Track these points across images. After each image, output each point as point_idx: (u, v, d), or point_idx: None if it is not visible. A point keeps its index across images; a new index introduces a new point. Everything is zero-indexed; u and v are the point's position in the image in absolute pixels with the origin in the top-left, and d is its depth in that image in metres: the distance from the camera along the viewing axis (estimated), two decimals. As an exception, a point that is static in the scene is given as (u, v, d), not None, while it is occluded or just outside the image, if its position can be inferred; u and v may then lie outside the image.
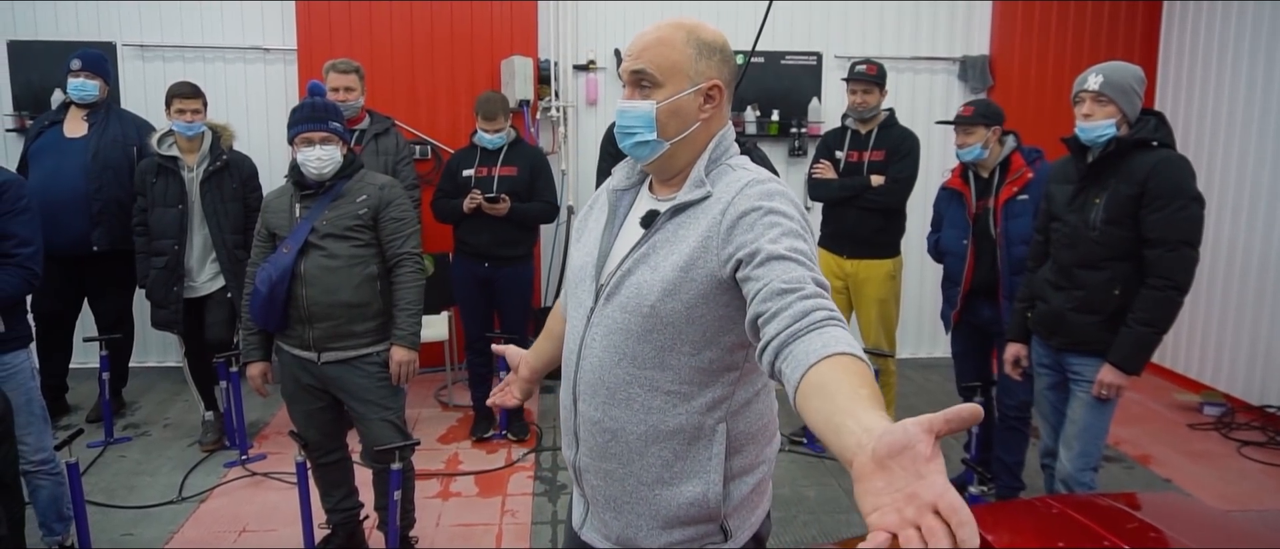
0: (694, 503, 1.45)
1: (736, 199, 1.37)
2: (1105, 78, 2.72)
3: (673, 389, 1.43)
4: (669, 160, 1.48)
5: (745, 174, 1.43)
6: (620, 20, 5.53)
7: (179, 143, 4.03)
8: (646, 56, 1.44)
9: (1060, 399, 3.01)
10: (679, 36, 1.44)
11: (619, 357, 1.44)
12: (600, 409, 1.48)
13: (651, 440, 1.44)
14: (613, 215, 1.56)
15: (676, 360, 1.42)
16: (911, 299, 5.42)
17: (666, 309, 1.39)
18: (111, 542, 3.36)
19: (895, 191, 4.02)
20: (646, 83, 1.44)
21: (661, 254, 1.41)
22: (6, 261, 2.87)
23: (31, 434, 2.97)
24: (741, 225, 1.34)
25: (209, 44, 5.29)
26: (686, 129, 1.45)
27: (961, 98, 5.59)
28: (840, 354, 1.09)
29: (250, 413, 4.50)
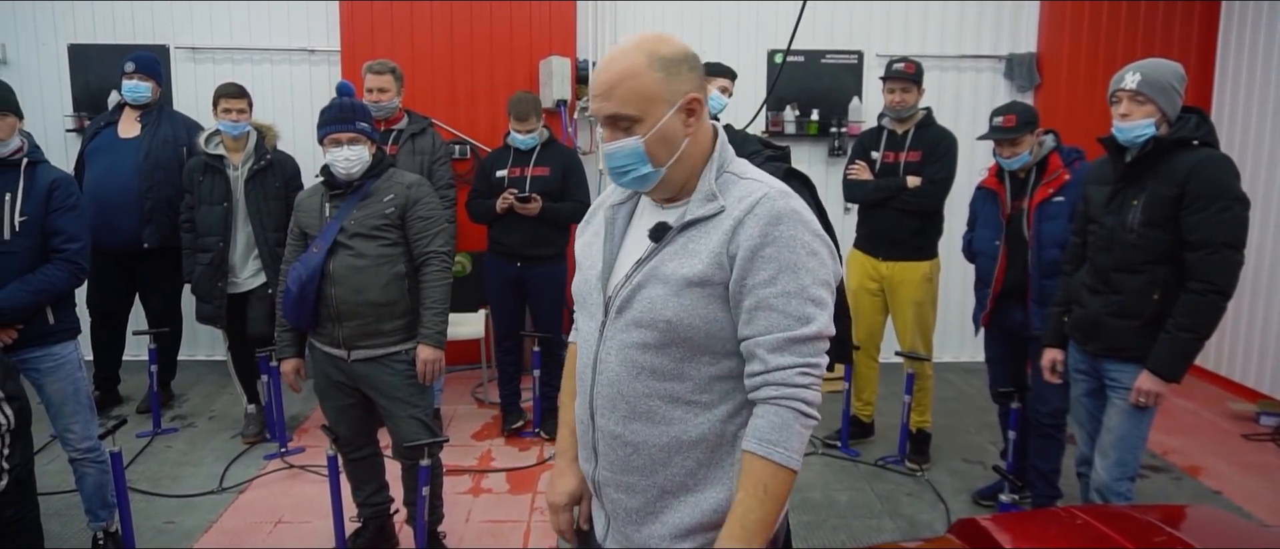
0: (717, 510, 1.44)
1: (747, 219, 1.37)
2: (1144, 76, 2.63)
3: (694, 399, 1.43)
4: (668, 181, 1.46)
5: (755, 187, 1.42)
6: (659, 19, 5.52)
7: (225, 142, 4.14)
8: (618, 96, 1.39)
9: (1097, 406, 2.92)
10: (642, 62, 1.39)
11: (637, 370, 1.43)
12: (620, 423, 1.46)
13: (675, 451, 1.44)
14: (610, 229, 1.55)
15: (696, 371, 1.42)
16: (953, 302, 5.33)
17: (682, 322, 1.39)
18: (154, 529, 3.47)
19: (932, 193, 3.95)
20: (624, 122, 1.40)
21: (672, 267, 1.40)
22: (56, 256, 2.99)
23: (78, 423, 3.09)
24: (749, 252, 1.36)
25: (257, 46, 5.43)
26: (677, 149, 1.43)
27: (1007, 97, 5.47)
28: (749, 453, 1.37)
29: (290, 407, 4.61)
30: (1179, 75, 2.65)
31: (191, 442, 4.38)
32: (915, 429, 4.21)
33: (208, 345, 5.54)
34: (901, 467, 4.14)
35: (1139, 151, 2.66)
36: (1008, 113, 3.38)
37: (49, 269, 2.96)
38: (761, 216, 1.36)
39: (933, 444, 4.26)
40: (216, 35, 5.41)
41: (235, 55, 5.44)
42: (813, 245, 1.38)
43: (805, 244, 1.37)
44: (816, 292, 1.36)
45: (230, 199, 4.11)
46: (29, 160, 2.97)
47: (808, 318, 1.35)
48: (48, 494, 3.67)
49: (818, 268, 1.37)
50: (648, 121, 1.40)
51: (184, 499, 3.74)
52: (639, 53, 1.40)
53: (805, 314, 1.35)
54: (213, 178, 4.10)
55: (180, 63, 5.42)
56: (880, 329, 4.29)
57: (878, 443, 4.43)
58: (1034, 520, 2.23)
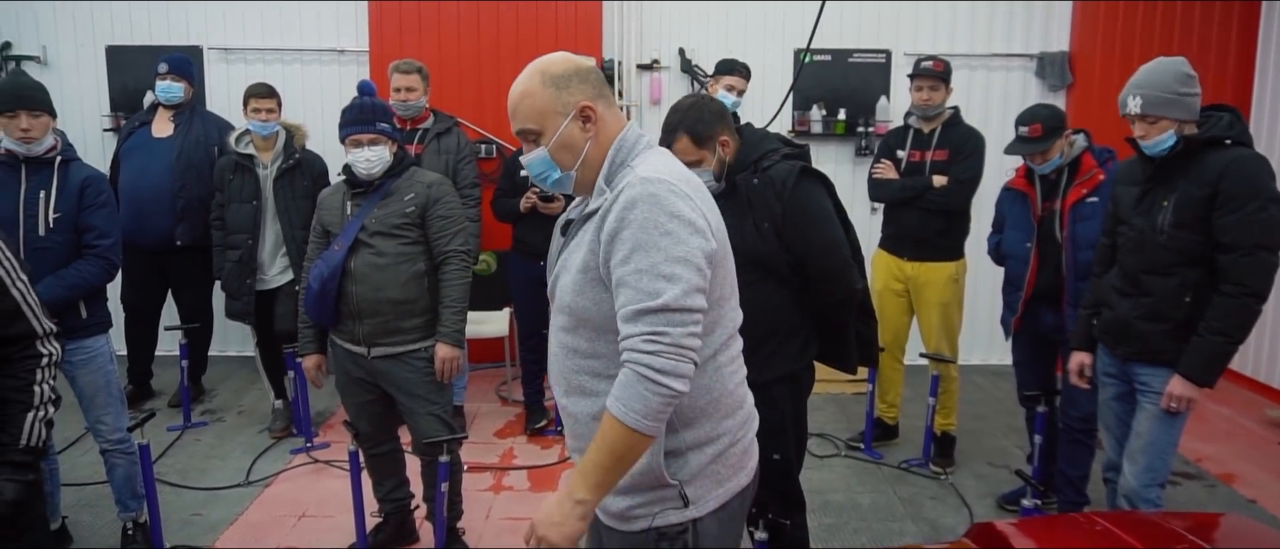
0: (640, 473, 1.57)
1: (612, 207, 1.51)
2: (1144, 99, 2.56)
3: (609, 373, 1.55)
4: (580, 181, 1.64)
5: (629, 177, 1.53)
6: (685, 19, 5.52)
7: (254, 141, 4.20)
8: (520, 115, 1.61)
9: (1125, 411, 2.86)
10: (535, 84, 1.59)
11: (565, 350, 1.64)
12: (564, 397, 1.68)
13: (597, 419, 1.55)
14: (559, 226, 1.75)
15: (605, 348, 1.57)
16: (981, 303, 5.26)
17: (580, 305, 1.57)
18: (181, 521, 3.53)
19: (958, 193, 3.91)
20: (531, 136, 1.61)
21: (571, 258, 1.60)
22: (88, 252, 3.06)
23: (109, 415, 3.16)
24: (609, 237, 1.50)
25: (288, 46, 5.50)
26: (581, 153, 1.60)
27: (1038, 96, 5.39)
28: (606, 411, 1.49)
29: (316, 403, 4.67)
30: (1180, 76, 2.57)
31: (220, 435, 4.46)
32: (940, 432, 4.15)
33: (238, 341, 5.63)
34: (925, 470, 4.09)
35: (1168, 152, 2.60)
36: (1032, 121, 3.29)
37: (81, 264, 3.03)
38: (620, 203, 1.49)
39: (958, 447, 4.21)
40: (248, 36, 5.50)
41: (266, 56, 5.53)
42: (666, 225, 1.46)
43: (658, 224, 1.46)
44: (668, 268, 1.45)
45: (259, 197, 4.17)
46: (62, 158, 3.05)
47: (657, 292, 1.44)
48: (80, 485, 3.77)
49: (671, 246, 1.45)
50: (547, 133, 1.60)
51: (211, 492, 3.81)
52: (533, 75, 1.61)
53: (655, 289, 1.44)
54: (242, 176, 4.17)
55: (213, 63, 5.51)
56: (905, 330, 4.25)
57: (901, 445, 4.38)
58: (1053, 526, 2.20)
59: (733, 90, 4.21)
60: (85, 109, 5.50)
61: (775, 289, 2.52)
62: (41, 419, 2.12)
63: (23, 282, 2.13)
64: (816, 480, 3.91)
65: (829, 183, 2.62)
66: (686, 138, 2.50)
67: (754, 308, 2.51)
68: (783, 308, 2.54)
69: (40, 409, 2.12)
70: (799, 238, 2.47)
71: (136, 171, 4.52)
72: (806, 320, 2.59)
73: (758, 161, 2.52)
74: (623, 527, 1.64)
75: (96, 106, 5.55)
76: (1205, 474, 4.12)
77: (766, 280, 2.52)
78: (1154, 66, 2.61)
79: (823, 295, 2.53)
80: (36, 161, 3.00)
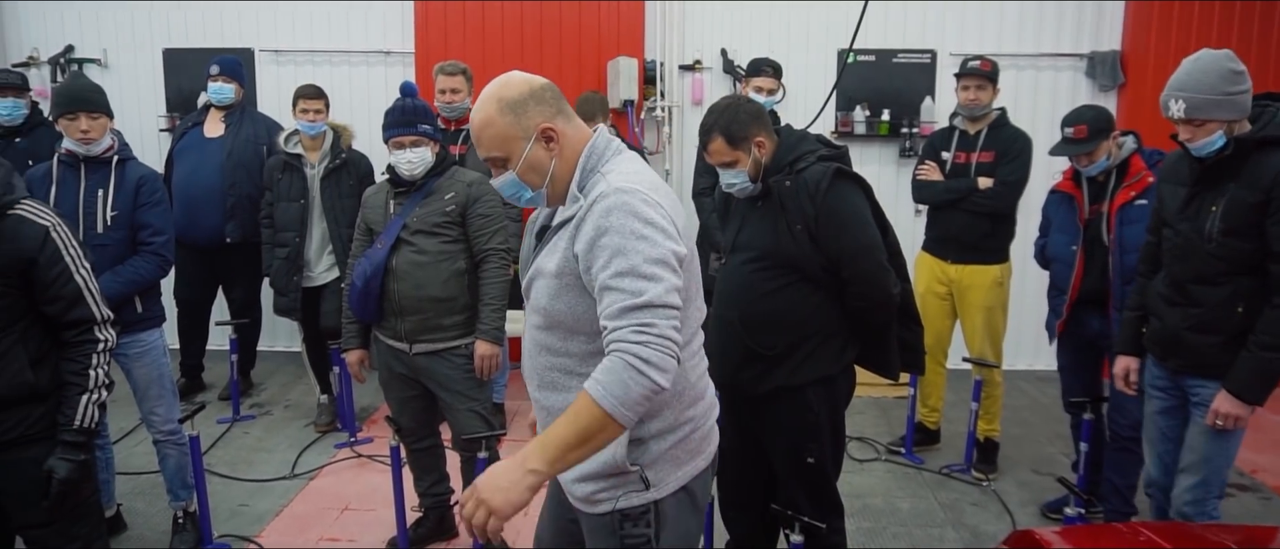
0: (606, 463, 1.66)
1: (586, 217, 1.59)
2: (1188, 103, 2.42)
3: (579, 371, 1.66)
4: (554, 194, 1.72)
5: (602, 184, 1.61)
6: (727, 20, 5.51)
7: (303, 141, 4.29)
8: (484, 144, 1.67)
9: (1171, 426, 2.76)
10: (493, 111, 1.65)
11: (538, 348, 1.74)
12: (537, 391, 1.77)
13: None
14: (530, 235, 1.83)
15: (576, 347, 1.68)
16: (1027, 308, 5.16)
17: (555, 308, 1.66)
18: (229, 511, 3.62)
19: (1004, 195, 3.84)
20: (498, 163, 1.68)
21: (545, 262, 1.67)
22: (143, 249, 3.16)
23: (162, 407, 3.25)
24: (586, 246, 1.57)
25: (336, 48, 5.61)
26: (547, 172, 1.67)
27: (1088, 97, 5.28)
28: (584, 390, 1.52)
29: (361, 398, 4.75)
30: (1227, 74, 2.41)
31: (267, 429, 4.56)
32: (982, 438, 4.09)
33: (286, 337, 5.74)
34: (967, 475, 4.03)
35: (1217, 154, 2.50)
36: (1078, 122, 3.22)
37: (137, 261, 3.13)
38: (595, 213, 1.57)
39: (1001, 454, 4.14)
40: (298, 38, 5.62)
41: (315, 57, 5.64)
42: (641, 231, 1.54)
43: (633, 230, 1.54)
44: (648, 269, 1.52)
45: (307, 196, 4.26)
46: (119, 158, 3.14)
47: (640, 291, 1.51)
48: (134, 474, 3.89)
49: (648, 248, 1.53)
50: (513, 158, 1.66)
51: (258, 483, 3.90)
52: (490, 103, 1.66)
53: (638, 288, 1.51)
54: (291, 175, 4.26)
55: (264, 65, 5.64)
56: (948, 334, 4.19)
57: (943, 451, 4.32)
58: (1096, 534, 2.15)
59: (762, 91, 4.19)
60: (143, 110, 5.66)
61: (810, 292, 2.51)
62: (94, 401, 2.22)
63: (85, 269, 2.24)
64: (856, 484, 3.87)
65: (866, 185, 2.58)
66: (721, 138, 2.50)
67: (788, 311, 2.51)
68: (818, 311, 2.52)
69: (94, 392, 2.22)
70: (832, 241, 2.45)
71: (189, 170, 4.64)
72: (844, 324, 2.57)
73: (793, 163, 2.50)
74: (588, 509, 1.74)
75: (153, 107, 5.71)
76: (1260, 486, 4.00)
77: (801, 283, 2.50)
78: (1197, 64, 2.45)
79: (857, 300, 2.51)
80: (95, 161, 3.10)
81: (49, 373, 2.21)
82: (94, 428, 2.24)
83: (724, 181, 2.60)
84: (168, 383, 3.28)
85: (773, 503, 2.67)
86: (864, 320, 2.56)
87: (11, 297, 2.14)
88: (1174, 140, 2.59)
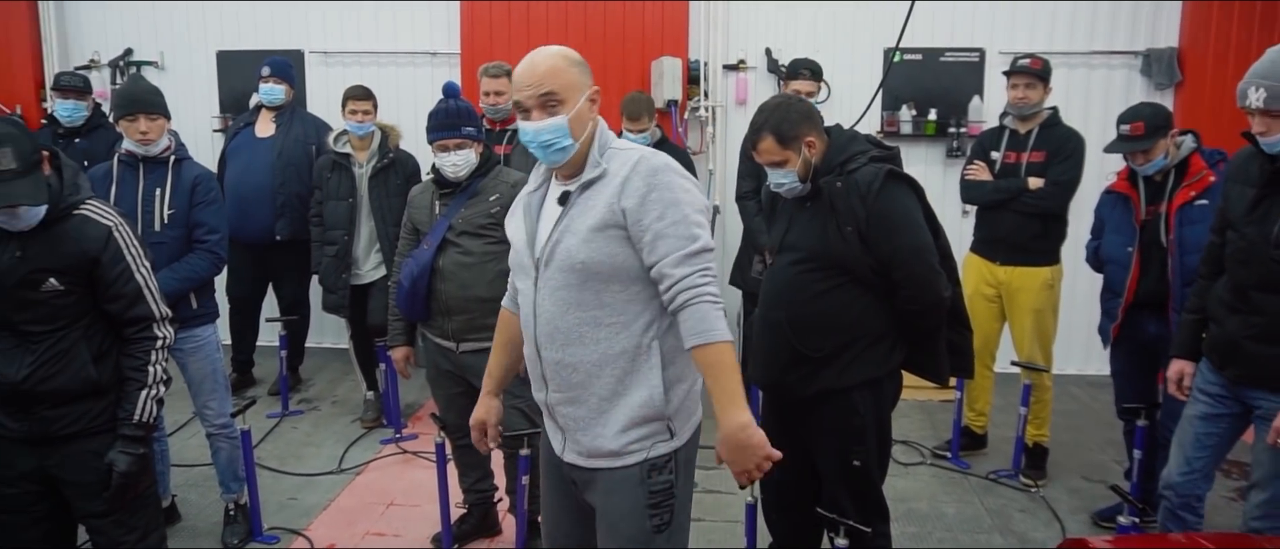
0: (643, 405, 1.83)
1: (631, 176, 1.77)
2: (1269, 91, 2.33)
3: (613, 320, 1.81)
4: (575, 157, 1.84)
5: (632, 153, 1.83)
6: (772, 20, 5.48)
7: (351, 141, 4.36)
8: (550, 82, 1.79)
9: (1211, 433, 2.67)
10: (563, 62, 1.81)
11: (566, 306, 1.82)
12: (560, 350, 1.85)
13: (604, 364, 1.83)
14: (528, 211, 1.94)
15: (611, 297, 1.80)
16: (1078, 311, 5.04)
17: (593, 260, 1.77)
18: (278, 504, 3.69)
19: (1055, 195, 3.77)
20: (553, 102, 1.79)
21: (578, 221, 1.80)
22: (198, 247, 3.24)
23: (215, 401, 3.33)
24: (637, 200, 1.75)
25: (383, 49, 5.69)
26: (586, 128, 1.83)
27: (1143, 95, 5.15)
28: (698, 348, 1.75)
29: (406, 395, 4.81)
30: None
31: (315, 424, 4.64)
32: (1031, 443, 4.01)
33: (334, 334, 5.84)
34: (1015, 481, 3.96)
35: (1288, 155, 2.41)
36: (1134, 119, 3.16)
37: (192, 258, 3.21)
38: (642, 172, 1.77)
39: (1050, 460, 4.06)
40: (346, 40, 5.71)
41: (362, 58, 5.73)
42: (685, 185, 1.78)
43: (680, 185, 1.77)
44: (696, 217, 1.77)
45: (355, 195, 4.32)
46: (176, 158, 3.23)
47: (694, 237, 1.75)
48: (188, 466, 3.99)
49: (693, 200, 1.78)
50: (570, 103, 1.79)
51: (306, 478, 3.97)
52: (556, 57, 1.82)
53: (692, 235, 1.74)
54: (340, 175, 4.33)
55: (313, 67, 5.74)
56: (995, 336, 4.12)
57: (990, 456, 4.25)
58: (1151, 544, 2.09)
59: (800, 94, 4.15)
60: (197, 110, 5.79)
61: (859, 294, 2.48)
62: (153, 397, 2.29)
63: (145, 268, 2.31)
64: (900, 488, 3.83)
65: (918, 186, 2.55)
66: (771, 138, 2.49)
67: (836, 312, 2.49)
68: (866, 313, 2.50)
69: (153, 388, 2.29)
70: (883, 243, 2.42)
71: (240, 170, 4.74)
72: (892, 327, 2.54)
73: (844, 164, 2.48)
74: (615, 463, 1.86)
75: (207, 108, 5.85)
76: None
77: (850, 285, 2.48)
78: (1274, 56, 2.37)
79: (908, 302, 2.48)
80: (153, 161, 3.18)
81: (110, 368, 2.28)
82: (152, 423, 2.30)
83: (773, 181, 2.59)
84: (221, 378, 3.36)
85: (817, 506, 2.65)
86: (914, 323, 2.53)
87: (76, 294, 2.20)
88: (1245, 137, 2.51)
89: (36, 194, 2.09)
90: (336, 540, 3.43)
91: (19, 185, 2.05)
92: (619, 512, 1.88)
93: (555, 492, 2.07)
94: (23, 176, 2.06)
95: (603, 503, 1.91)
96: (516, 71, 1.84)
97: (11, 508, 2.31)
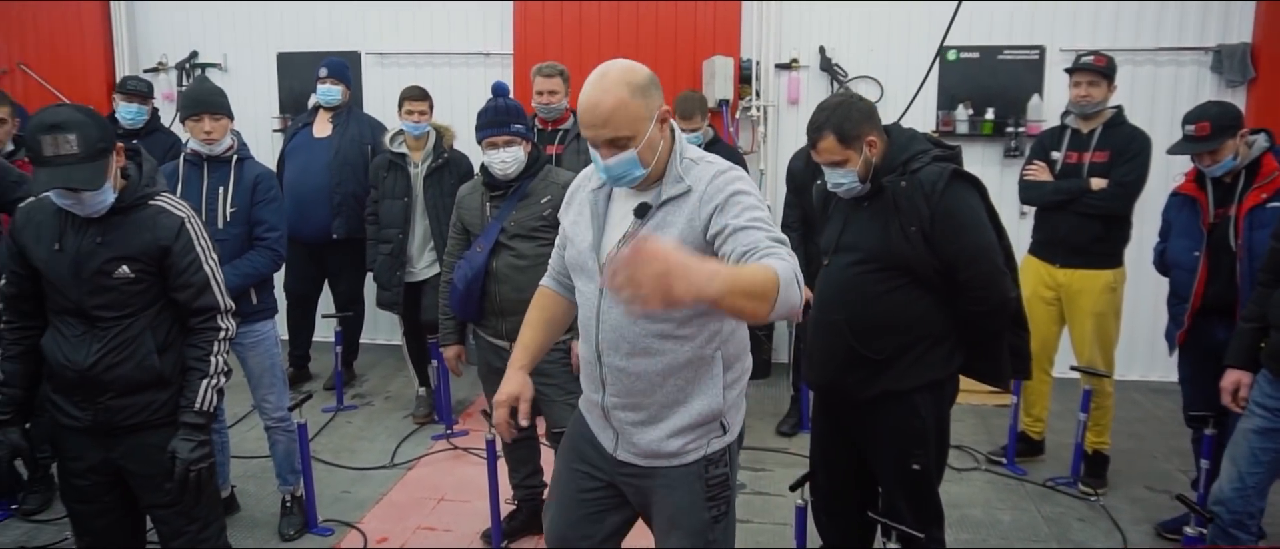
0: (702, 413, 1.89)
1: (708, 189, 1.80)
2: None
3: (680, 333, 1.84)
4: (652, 174, 1.85)
5: (710, 167, 1.85)
6: (826, 19, 5.42)
7: (407, 141, 4.43)
8: (613, 124, 1.76)
9: (1266, 448, 2.58)
10: (625, 94, 1.77)
11: (634, 318, 1.82)
12: (624, 359, 1.88)
13: (668, 375, 1.87)
14: (594, 209, 1.94)
15: (680, 311, 1.80)
16: (1142, 315, 4.92)
17: None
18: (332, 497, 3.77)
19: (1118, 196, 3.66)
20: (622, 142, 1.78)
21: (657, 235, 1.73)
22: (258, 243, 3.31)
23: (273, 395, 3.41)
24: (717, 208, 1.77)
25: (438, 50, 5.77)
26: (658, 149, 1.84)
27: (1213, 93, 4.98)
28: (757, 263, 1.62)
29: (457, 391, 4.87)
30: None
31: (369, 419, 4.73)
32: (1091, 450, 3.90)
33: (387, 331, 5.93)
34: (1074, 489, 3.86)
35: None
36: (1200, 119, 3.06)
37: (253, 255, 3.28)
38: (721, 185, 1.80)
39: (1111, 468, 3.94)
40: (402, 41, 5.81)
41: (417, 59, 5.81)
42: (758, 200, 1.81)
43: (753, 192, 1.81)
44: (770, 222, 1.77)
45: (410, 194, 4.39)
46: (238, 157, 3.31)
47: (773, 232, 1.74)
48: (247, 458, 4.08)
49: (760, 204, 1.80)
50: (639, 137, 1.79)
51: (359, 471, 4.04)
52: (622, 86, 1.77)
53: (774, 235, 1.73)
54: (395, 174, 4.40)
55: (370, 68, 5.85)
56: (1054, 340, 4.01)
57: (1048, 462, 4.14)
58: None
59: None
60: (258, 111, 5.94)
61: (920, 295, 2.44)
62: (214, 387, 2.35)
63: (213, 260, 2.38)
64: (954, 494, 3.75)
65: (981, 186, 2.50)
66: (832, 137, 2.44)
67: (898, 313, 2.45)
68: (928, 314, 2.45)
69: (214, 378, 2.35)
70: (948, 243, 2.38)
71: (298, 169, 4.84)
72: (953, 328, 2.49)
73: (906, 163, 2.44)
74: (673, 463, 1.92)
75: (267, 108, 6.00)
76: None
77: (911, 285, 2.44)
78: None
79: (974, 304, 2.43)
80: (216, 160, 3.26)
81: (173, 361, 2.34)
82: (212, 412, 2.36)
83: (831, 181, 2.54)
84: (279, 372, 3.44)
85: (871, 510, 2.61)
86: (979, 325, 2.48)
87: (146, 282, 2.28)
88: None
89: (94, 179, 2.14)
90: (389, 534, 3.48)
91: (79, 170, 2.11)
92: (678, 506, 1.93)
93: (576, 488, 2.07)
94: (86, 162, 2.12)
95: (661, 497, 1.95)
96: (581, 105, 1.80)
97: (82, 499, 2.39)
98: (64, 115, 2.14)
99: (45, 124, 2.12)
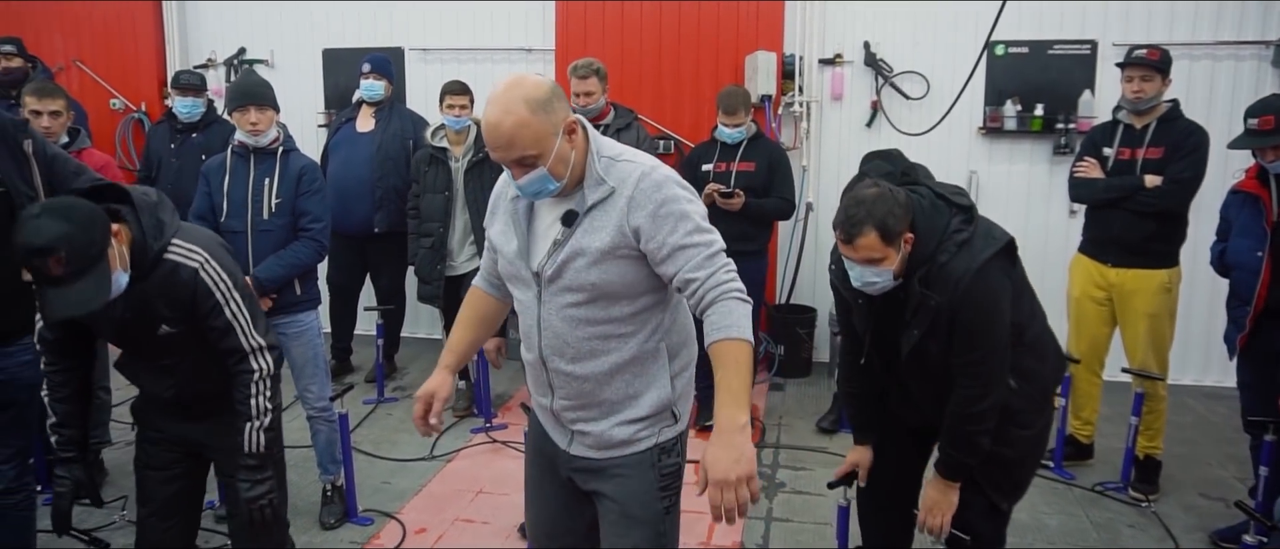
0: (653, 405, 1.91)
1: (636, 194, 1.77)
2: None
3: (623, 332, 1.86)
4: (570, 183, 1.83)
5: (632, 166, 1.81)
6: (870, 14, 5.34)
7: (448, 136, 4.45)
8: (520, 145, 1.73)
9: None
10: (525, 112, 1.71)
11: (575, 322, 1.85)
12: (569, 363, 1.89)
13: (614, 372, 1.88)
14: (515, 218, 1.91)
15: (620, 311, 1.84)
16: (1197, 317, 4.78)
17: (604, 281, 1.80)
18: (372, 487, 3.80)
19: (1174, 194, 3.55)
20: (530, 161, 1.75)
21: (586, 242, 1.80)
22: (303, 235, 3.35)
23: (316, 385, 3.45)
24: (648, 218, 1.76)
25: (480, 46, 5.80)
26: (569, 160, 1.80)
27: (1275, 87, 4.80)
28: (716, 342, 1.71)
29: (496, 385, 4.89)
30: None
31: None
32: (1143, 455, 3.79)
33: (427, 324, 5.99)
34: (1124, 494, 3.75)
35: None
36: (1264, 112, 2.97)
37: (297, 246, 3.32)
38: (646, 189, 1.77)
39: (1163, 474, 3.83)
40: (444, 37, 5.85)
41: (460, 55, 5.85)
42: (688, 196, 1.81)
43: (684, 198, 1.79)
44: (705, 225, 1.80)
45: (451, 188, 4.41)
46: (284, 149, 3.35)
47: (710, 242, 1.78)
48: (290, 447, 4.09)
49: (698, 209, 1.81)
50: (546, 154, 1.75)
51: (399, 463, 4.07)
52: (519, 106, 1.71)
53: (708, 240, 1.78)
54: (437, 168, 4.42)
55: (413, 63, 5.90)
56: (1105, 341, 3.91)
57: (1097, 467, 4.04)
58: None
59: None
60: (304, 106, 6.02)
61: None
62: (259, 428, 2.31)
63: (236, 299, 2.27)
64: (999, 497, 3.67)
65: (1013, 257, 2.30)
66: (875, 234, 2.14)
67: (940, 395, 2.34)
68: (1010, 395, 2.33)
69: (258, 419, 2.30)
70: (959, 335, 2.22)
71: (341, 163, 4.90)
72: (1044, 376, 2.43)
73: (934, 253, 2.21)
74: (624, 452, 1.92)
75: (313, 104, 6.08)
76: None
77: None
78: None
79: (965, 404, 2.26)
80: (263, 152, 3.31)
81: None
82: (265, 452, 2.33)
83: (861, 280, 2.25)
84: (321, 363, 3.47)
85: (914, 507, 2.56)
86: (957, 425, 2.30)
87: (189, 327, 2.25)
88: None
89: (101, 292, 1.99)
90: (427, 525, 3.50)
91: (81, 290, 1.96)
92: (631, 494, 1.93)
93: (548, 485, 2.10)
94: (85, 274, 1.96)
95: (614, 488, 1.94)
96: (483, 126, 1.77)
97: (152, 464, 2.44)
98: (46, 235, 1.90)
99: (31, 248, 1.91)
